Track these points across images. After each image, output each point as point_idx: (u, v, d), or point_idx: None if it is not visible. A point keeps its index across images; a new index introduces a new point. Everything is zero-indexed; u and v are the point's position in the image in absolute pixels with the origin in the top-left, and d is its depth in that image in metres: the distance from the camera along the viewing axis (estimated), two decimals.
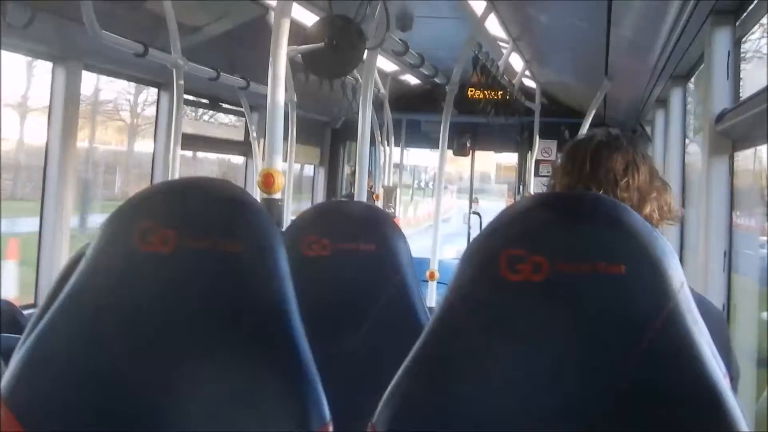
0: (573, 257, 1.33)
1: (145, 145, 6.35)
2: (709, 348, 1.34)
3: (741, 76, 3.55)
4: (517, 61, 7.91)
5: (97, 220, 6.17)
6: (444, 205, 6.72)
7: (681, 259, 2.05)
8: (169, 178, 4.98)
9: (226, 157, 8.04)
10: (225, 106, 7.13)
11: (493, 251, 1.37)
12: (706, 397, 1.30)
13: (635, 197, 2.00)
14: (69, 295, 1.64)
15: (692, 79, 5.38)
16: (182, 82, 5.22)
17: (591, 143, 2.07)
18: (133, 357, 1.59)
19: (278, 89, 3.06)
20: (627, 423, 1.31)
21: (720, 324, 1.91)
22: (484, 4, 5.63)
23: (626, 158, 2.02)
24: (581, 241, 1.35)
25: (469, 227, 10.79)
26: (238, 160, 7.79)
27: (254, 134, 6.98)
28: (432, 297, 6.07)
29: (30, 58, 4.89)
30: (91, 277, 1.64)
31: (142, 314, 1.61)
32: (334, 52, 4.68)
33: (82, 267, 1.65)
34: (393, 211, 8.78)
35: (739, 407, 1.31)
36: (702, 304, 1.37)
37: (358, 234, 2.55)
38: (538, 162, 9.75)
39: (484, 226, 1.53)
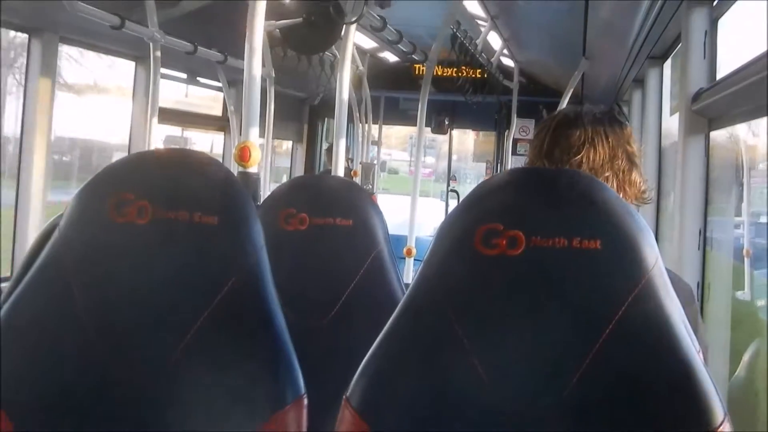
0: (549, 232, 1.34)
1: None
2: (683, 323, 1.35)
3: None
4: (495, 40, 7.89)
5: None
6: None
7: (657, 238, 2.06)
8: None
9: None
10: (202, 80, 7.08)
11: (469, 225, 1.37)
12: (679, 370, 1.31)
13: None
14: (41, 268, 1.63)
15: (669, 59, 5.39)
16: (159, 54, 5.18)
17: (553, 120, 2.07)
18: (104, 330, 1.58)
19: (255, 62, 3.04)
20: (600, 396, 1.32)
21: (688, 297, 1.92)
22: None
23: (583, 136, 2.00)
24: (557, 216, 1.35)
25: (447, 205, 10.84)
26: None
27: (232, 108, 6.95)
28: (409, 273, 6.07)
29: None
30: (64, 249, 1.63)
31: (114, 286, 1.60)
32: (311, 28, 4.66)
33: (55, 239, 1.64)
34: (371, 188, 8.77)
35: (711, 381, 1.32)
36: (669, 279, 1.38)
37: (335, 209, 2.56)
38: (515, 141, 9.78)
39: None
